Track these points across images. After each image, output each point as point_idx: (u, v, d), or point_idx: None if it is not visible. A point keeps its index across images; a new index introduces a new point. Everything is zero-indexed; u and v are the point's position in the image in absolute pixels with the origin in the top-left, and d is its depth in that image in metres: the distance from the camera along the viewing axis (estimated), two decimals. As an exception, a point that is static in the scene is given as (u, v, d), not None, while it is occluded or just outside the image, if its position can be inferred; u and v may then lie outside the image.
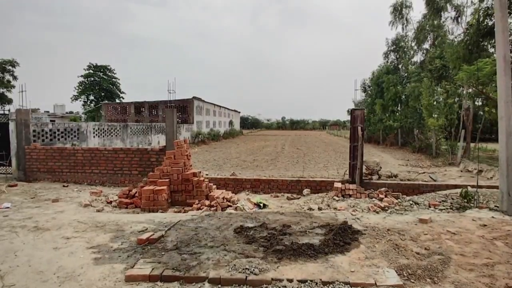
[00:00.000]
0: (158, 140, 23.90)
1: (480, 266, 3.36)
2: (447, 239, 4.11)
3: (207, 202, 7.03)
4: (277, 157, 18.36)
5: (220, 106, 46.84)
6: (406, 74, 25.25)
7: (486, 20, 13.87)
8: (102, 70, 47.92)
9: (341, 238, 4.05)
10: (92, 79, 47.34)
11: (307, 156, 18.64)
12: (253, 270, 3.17)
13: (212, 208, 6.77)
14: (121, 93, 50.53)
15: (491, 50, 14.58)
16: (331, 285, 2.95)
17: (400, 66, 26.50)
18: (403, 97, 24.26)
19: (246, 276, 3.06)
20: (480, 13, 14.10)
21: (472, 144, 15.00)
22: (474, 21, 14.28)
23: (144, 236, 4.14)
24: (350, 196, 7.82)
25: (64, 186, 9.27)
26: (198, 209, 6.73)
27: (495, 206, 6.10)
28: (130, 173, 9.58)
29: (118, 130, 18.88)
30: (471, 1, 16.29)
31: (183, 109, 34.31)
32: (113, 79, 49.46)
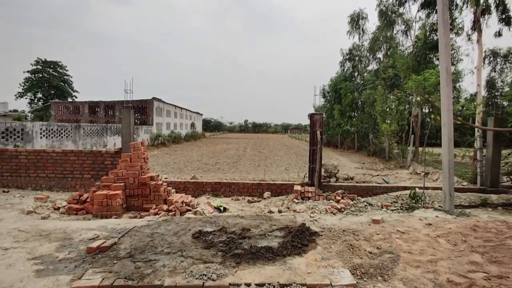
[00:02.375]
0: (114, 142, 22.73)
1: (425, 262, 3.59)
2: (397, 238, 4.36)
3: (165, 207, 6.79)
4: (239, 160, 18.34)
5: (181, 108, 45.79)
6: (362, 82, 26.61)
7: (432, 35, 15.11)
8: (52, 66, 44.69)
9: (299, 240, 4.12)
10: (41, 75, 43.99)
11: (269, 159, 18.85)
12: (211, 275, 3.10)
13: (171, 213, 6.55)
14: (73, 91, 47.54)
15: (437, 62, 15.87)
16: (288, 287, 2.98)
17: (355, 74, 27.85)
18: (360, 103, 25.53)
19: (204, 282, 2.99)
20: (427, 28, 15.34)
21: (420, 149, 16.16)
22: (421, 35, 15.48)
23: (95, 244, 3.88)
24: (309, 198, 8.01)
25: (4, 191, 8.42)
26: (156, 214, 6.48)
27: (439, 206, 6.61)
28: (82, 177, 8.98)
29: (69, 131, 17.67)
30: (419, 17, 17.70)
31: (142, 110, 33.04)
32: (65, 76, 46.37)
